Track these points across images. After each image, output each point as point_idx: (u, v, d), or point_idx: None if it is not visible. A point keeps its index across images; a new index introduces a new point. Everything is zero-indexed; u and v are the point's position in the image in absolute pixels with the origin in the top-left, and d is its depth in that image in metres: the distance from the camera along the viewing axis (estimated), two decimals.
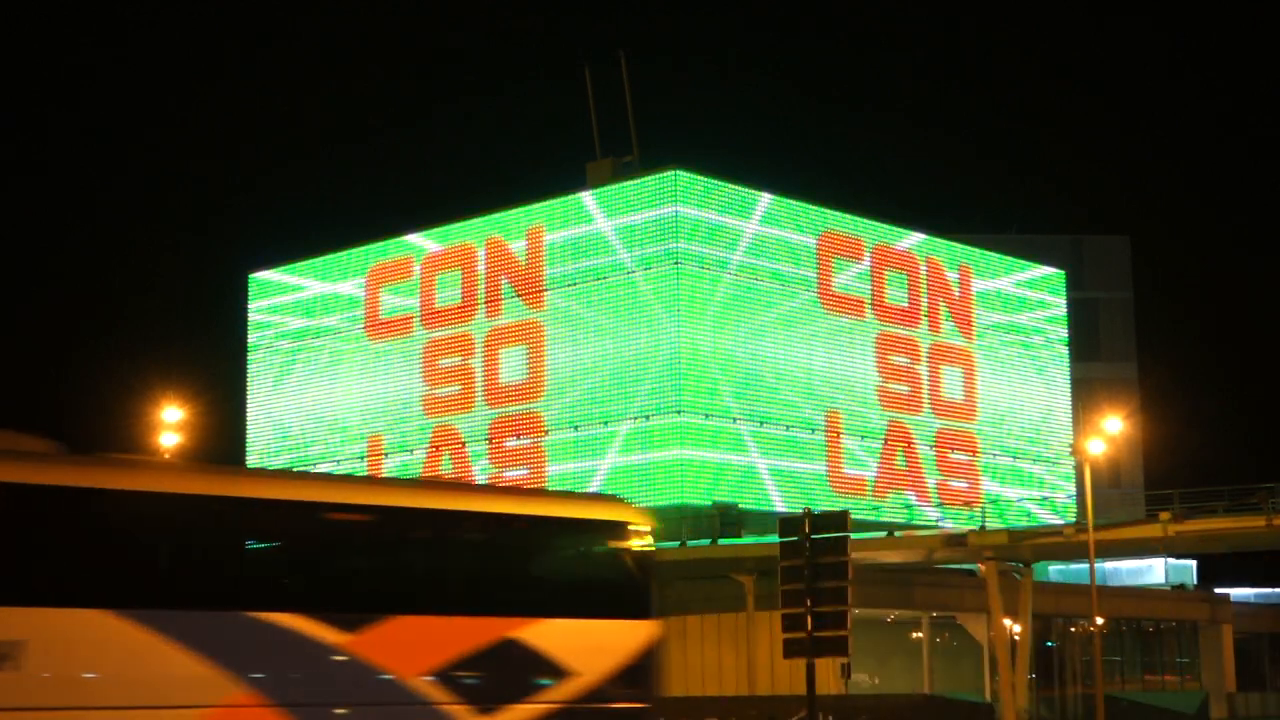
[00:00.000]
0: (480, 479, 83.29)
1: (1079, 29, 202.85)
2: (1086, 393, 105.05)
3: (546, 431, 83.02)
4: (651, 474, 78.18)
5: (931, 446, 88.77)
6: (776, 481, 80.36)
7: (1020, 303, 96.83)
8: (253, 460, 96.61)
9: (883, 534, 72.29)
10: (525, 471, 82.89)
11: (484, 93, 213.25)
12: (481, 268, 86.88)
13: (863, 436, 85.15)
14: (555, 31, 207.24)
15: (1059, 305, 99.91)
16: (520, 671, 25.18)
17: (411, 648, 24.20)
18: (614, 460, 79.85)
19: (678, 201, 79.34)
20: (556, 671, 25.38)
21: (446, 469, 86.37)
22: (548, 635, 25.38)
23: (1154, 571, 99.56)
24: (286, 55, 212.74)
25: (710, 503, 77.00)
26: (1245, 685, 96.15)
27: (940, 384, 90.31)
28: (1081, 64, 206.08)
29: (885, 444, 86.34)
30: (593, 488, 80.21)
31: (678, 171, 79.89)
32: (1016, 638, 73.38)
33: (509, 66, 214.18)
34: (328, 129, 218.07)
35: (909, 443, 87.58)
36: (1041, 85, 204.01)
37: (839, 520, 40.49)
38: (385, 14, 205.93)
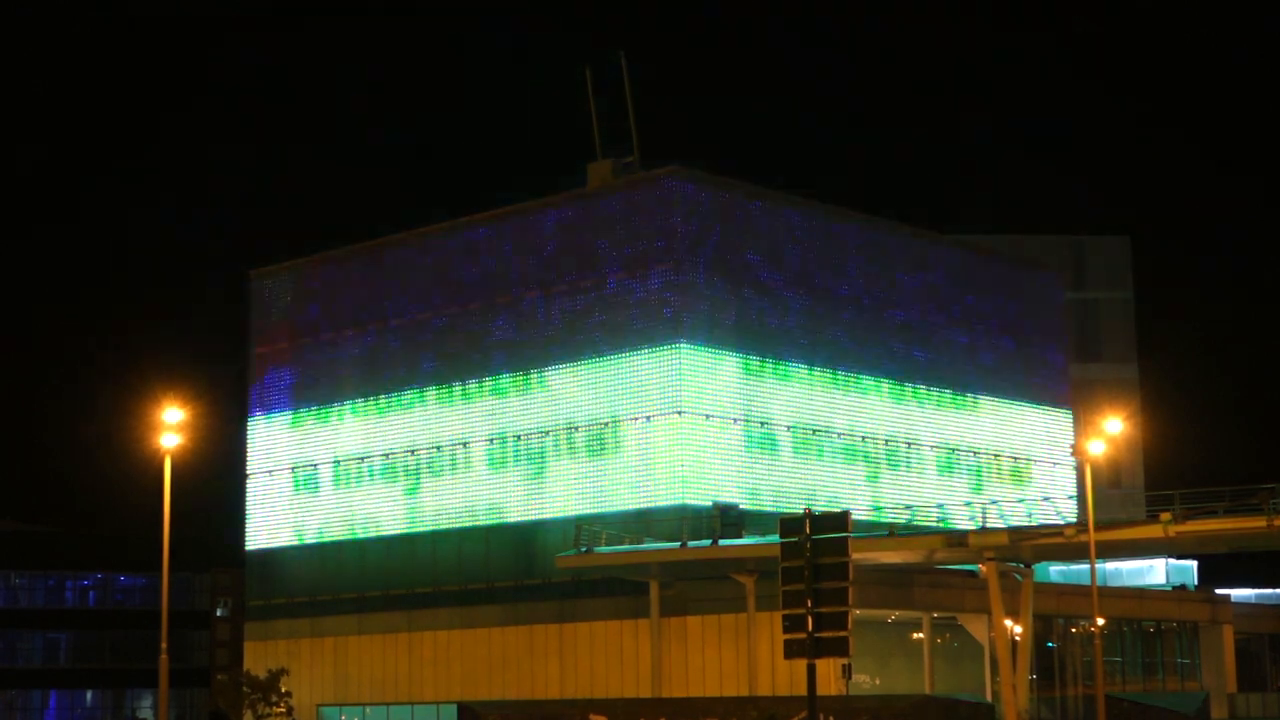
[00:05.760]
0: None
1: (1080, 31, 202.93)
2: (1086, 393, 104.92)
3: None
4: (653, 474, 77.99)
5: (932, 448, 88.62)
6: (776, 482, 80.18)
7: (1020, 305, 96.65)
8: (255, 461, 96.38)
9: (883, 534, 72.21)
10: None
11: (485, 93, 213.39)
12: None
13: (863, 438, 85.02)
14: (555, 32, 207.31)
15: (1059, 307, 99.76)
16: None
17: None
18: (617, 461, 79.65)
19: (678, 203, 79.17)
20: None
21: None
22: None
23: (1155, 572, 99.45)
24: (287, 59, 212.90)
25: (710, 503, 76.84)
26: (1246, 686, 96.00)
27: (940, 385, 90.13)
28: (1082, 65, 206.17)
29: (885, 445, 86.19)
30: (599, 490, 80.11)
31: (678, 172, 79.73)
32: (1017, 638, 73.33)
33: (510, 67, 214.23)
34: (329, 130, 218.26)
35: (909, 444, 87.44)
36: (1042, 87, 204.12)
37: (839, 521, 40.45)
38: (386, 17, 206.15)
